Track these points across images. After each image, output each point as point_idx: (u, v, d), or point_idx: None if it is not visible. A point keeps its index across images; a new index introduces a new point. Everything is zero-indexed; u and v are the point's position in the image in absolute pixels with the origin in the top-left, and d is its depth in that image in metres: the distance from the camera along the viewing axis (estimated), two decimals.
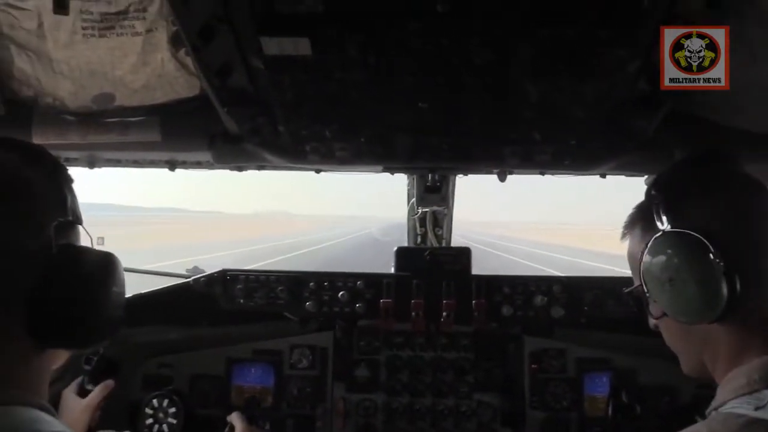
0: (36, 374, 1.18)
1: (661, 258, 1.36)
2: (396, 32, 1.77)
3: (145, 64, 2.20)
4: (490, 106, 2.08)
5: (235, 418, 2.61)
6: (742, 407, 1.19)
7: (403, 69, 1.90)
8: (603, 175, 2.70)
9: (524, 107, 2.07)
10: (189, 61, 2.21)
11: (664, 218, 1.38)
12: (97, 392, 2.61)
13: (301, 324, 3.22)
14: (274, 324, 3.19)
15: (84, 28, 2.07)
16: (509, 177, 2.64)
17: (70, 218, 1.22)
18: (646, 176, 2.69)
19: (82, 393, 2.67)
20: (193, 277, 3.14)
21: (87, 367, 2.76)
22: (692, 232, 1.30)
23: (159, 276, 3.53)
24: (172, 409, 2.86)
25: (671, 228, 1.36)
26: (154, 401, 2.88)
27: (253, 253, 32.15)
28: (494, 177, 2.67)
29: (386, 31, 1.77)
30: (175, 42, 2.17)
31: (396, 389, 3.19)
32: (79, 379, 2.74)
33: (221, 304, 3.08)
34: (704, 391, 2.93)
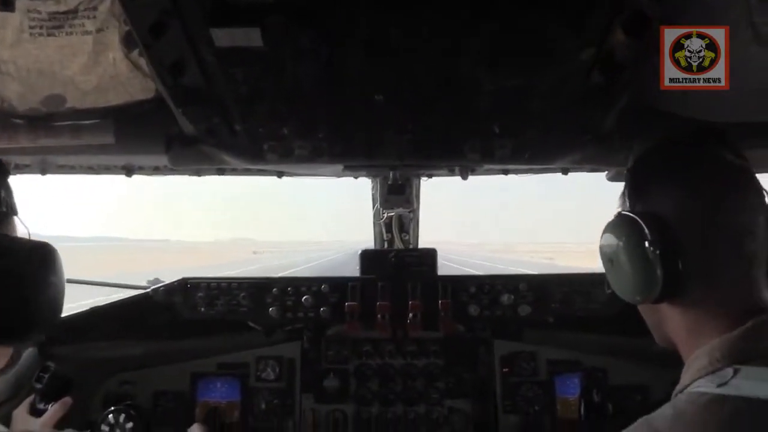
0: None
1: (608, 239, 1.40)
2: (347, 22, 1.76)
3: (97, 64, 2.15)
4: (446, 99, 2.07)
5: (194, 430, 2.52)
6: (706, 386, 1.19)
7: (356, 60, 1.89)
8: (565, 171, 2.71)
9: (480, 100, 2.06)
10: (143, 62, 2.17)
11: (627, 201, 1.41)
12: (54, 410, 2.49)
13: (267, 334, 3.15)
14: (238, 336, 3.12)
15: (32, 27, 2.02)
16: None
17: (4, 209, 1.17)
18: (606, 172, 2.71)
19: (34, 413, 2.56)
20: (152, 287, 3.06)
21: (38, 386, 2.64)
22: (633, 215, 1.32)
23: (117, 288, 3.41)
24: (129, 424, 2.74)
25: (628, 210, 1.38)
26: (110, 417, 2.77)
27: None
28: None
29: (337, 21, 1.76)
30: (127, 42, 2.12)
31: (366, 398, 3.13)
32: (30, 398, 2.62)
33: (182, 313, 3.00)
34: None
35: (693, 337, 1.31)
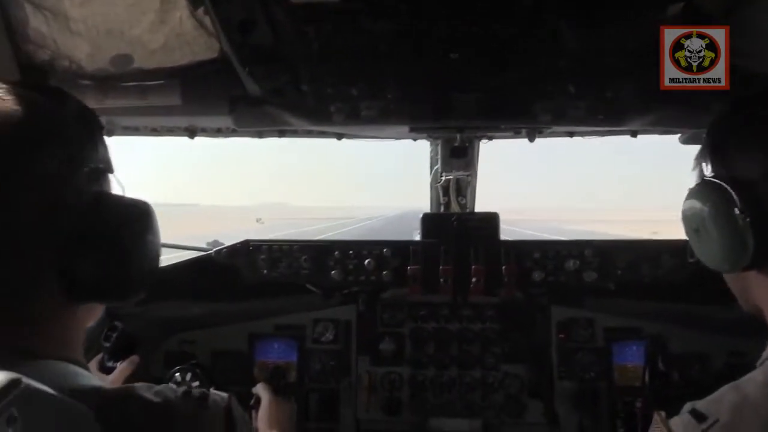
0: (71, 330, 1.12)
1: (692, 207, 1.35)
2: None
3: (163, 22, 2.13)
4: (525, 57, 2.00)
5: (260, 390, 2.55)
6: None
7: (436, 16, 1.83)
8: (634, 134, 2.62)
9: (559, 58, 1.99)
10: (207, 20, 2.14)
11: (709, 166, 1.35)
12: (123, 368, 2.56)
13: (324, 297, 3.16)
14: (296, 298, 3.14)
15: None
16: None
17: (102, 166, 1.15)
18: (680, 134, 2.61)
19: (104, 370, 2.63)
20: (214, 249, 3.09)
21: (106, 344, 2.71)
22: (720, 182, 1.27)
23: (178, 250, 3.44)
24: (196, 383, 2.80)
25: (710, 176, 1.32)
26: (177, 375, 2.83)
27: None
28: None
29: None
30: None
31: (421, 362, 3.13)
32: (99, 356, 2.69)
33: (244, 275, 3.02)
34: (736, 359, 2.90)
35: None
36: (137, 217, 1.15)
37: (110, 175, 1.19)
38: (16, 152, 0.99)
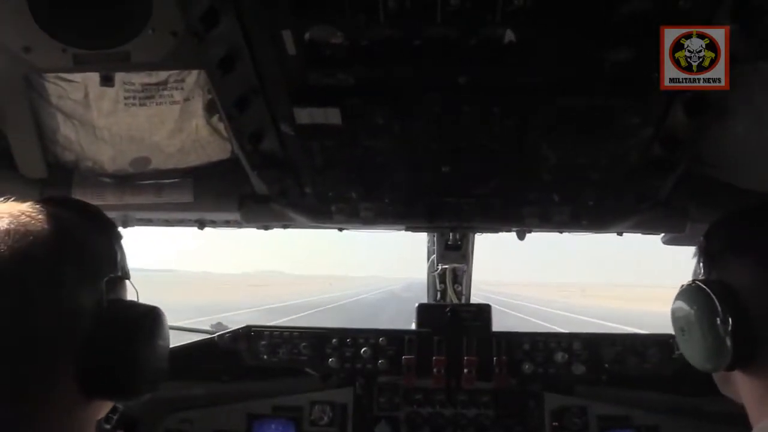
0: (82, 425, 1.22)
1: (679, 307, 1.42)
2: (420, 103, 1.88)
3: (181, 130, 2.33)
4: (509, 169, 2.17)
5: None
6: None
7: (427, 136, 2.01)
8: (620, 234, 2.76)
9: (542, 170, 2.16)
10: (221, 126, 2.34)
11: (701, 269, 1.43)
12: None
13: (322, 380, 3.23)
14: (294, 379, 3.21)
15: (126, 98, 2.21)
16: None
17: (119, 274, 1.28)
18: (662, 234, 2.74)
19: None
20: (218, 333, 3.19)
21: (107, 426, 2.78)
22: (704, 287, 1.34)
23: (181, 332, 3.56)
24: None
25: (702, 278, 1.40)
26: None
27: None
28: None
29: (411, 101, 1.89)
30: (209, 108, 2.31)
31: None
32: None
33: (245, 359, 3.12)
34: None
35: (763, 405, 1.32)
36: (148, 323, 1.29)
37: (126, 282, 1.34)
38: (43, 268, 1.13)
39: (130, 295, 1.35)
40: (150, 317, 1.29)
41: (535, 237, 2.86)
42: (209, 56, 1.84)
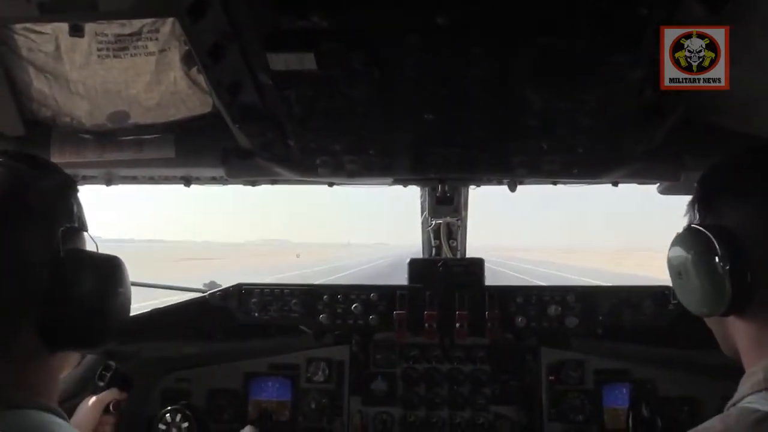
0: (46, 378, 1.22)
1: (676, 252, 1.39)
2: (398, 46, 1.80)
3: (159, 82, 2.26)
4: (494, 116, 2.09)
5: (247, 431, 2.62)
6: (758, 402, 1.17)
7: (407, 82, 1.93)
8: (615, 184, 2.68)
9: (528, 116, 2.08)
10: (201, 78, 2.27)
11: (697, 214, 1.40)
12: (109, 392, 2.67)
13: (317, 337, 3.23)
14: (290, 338, 3.21)
15: (99, 50, 2.14)
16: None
17: (76, 225, 1.26)
18: (658, 183, 2.67)
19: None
20: (209, 292, 3.18)
21: (101, 383, 2.80)
22: (703, 229, 1.30)
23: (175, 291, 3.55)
24: (185, 424, 2.86)
25: (698, 223, 1.36)
26: (167, 416, 2.89)
27: None
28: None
29: (388, 45, 1.80)
30: (187, 60, 2.23)
31: (413, 402, 3.17)
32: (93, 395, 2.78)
33: (237, 317, 3.11)
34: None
35: (756, 351, 1.29)
36: (108, 271, 1.27)
37: (84, 233, 1.31)
38: (1, 221, 1.13)
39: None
40: (108, 266, 1.28)
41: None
42: (179, 2, 1.76)
